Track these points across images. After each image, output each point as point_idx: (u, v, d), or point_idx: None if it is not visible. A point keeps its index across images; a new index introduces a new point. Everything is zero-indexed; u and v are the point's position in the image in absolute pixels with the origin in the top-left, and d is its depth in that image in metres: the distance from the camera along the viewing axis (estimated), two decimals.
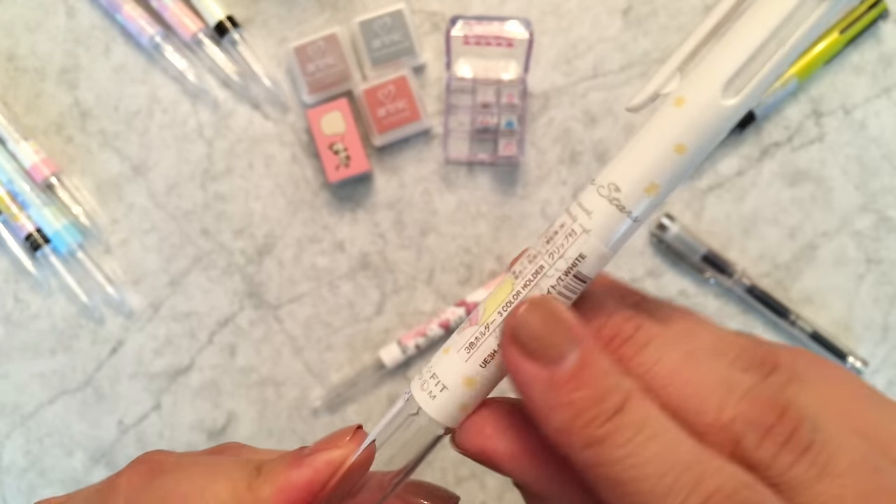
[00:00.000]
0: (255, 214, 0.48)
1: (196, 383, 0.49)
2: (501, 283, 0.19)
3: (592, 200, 0.18)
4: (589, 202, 0.18)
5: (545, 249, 0.19)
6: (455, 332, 0.20)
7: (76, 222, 0.48)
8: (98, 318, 0.48)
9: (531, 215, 0.48)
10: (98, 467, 0.49)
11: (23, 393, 0.49)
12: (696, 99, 0.17)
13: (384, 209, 0.48)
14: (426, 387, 0.20)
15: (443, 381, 0.19)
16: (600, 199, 0.18)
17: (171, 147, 0.48)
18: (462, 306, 0.47)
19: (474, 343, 0.19)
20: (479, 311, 0.19)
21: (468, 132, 0.47)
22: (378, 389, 0.48)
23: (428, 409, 0.19)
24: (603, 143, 0.47)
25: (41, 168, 0.47)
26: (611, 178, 0.18)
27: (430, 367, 0.20)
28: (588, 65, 0.47)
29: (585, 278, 0.18)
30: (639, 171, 0.17)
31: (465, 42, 0.44)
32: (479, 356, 0.19)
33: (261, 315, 0.48)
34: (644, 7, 0.47)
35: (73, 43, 0.48)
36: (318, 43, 0.46)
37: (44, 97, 0.48)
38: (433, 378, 0.20)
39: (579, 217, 0.18)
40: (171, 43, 0.47)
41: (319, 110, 0.46)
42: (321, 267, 0.48)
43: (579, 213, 0.18)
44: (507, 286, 0.19)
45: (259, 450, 0.24)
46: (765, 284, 0.47)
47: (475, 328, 0.19)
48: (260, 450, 0.24)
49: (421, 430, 0.20)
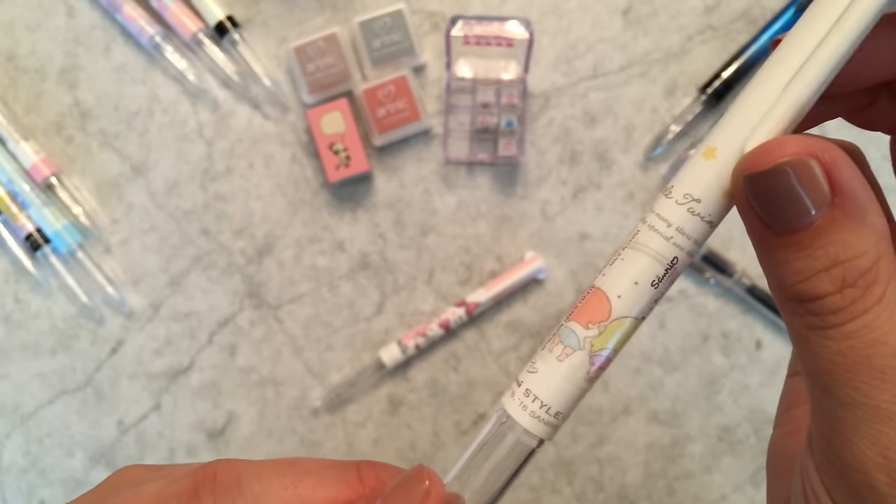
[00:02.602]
0: (255, 214, 0.48)
1: (196, 383, 0.49)
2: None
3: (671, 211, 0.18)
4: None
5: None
6: (544, 352, 0.19)
7: (76, 222, 0.48)
8: (98, 318, 0.48)
9: (531, 215, 0.48)
10: (98, 467, 0.49)
11: (23, 393, 0.49)
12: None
13: (384, 209, 0.48)
14: (518, 398, 0.19)
15: (536, 393, 0.19)
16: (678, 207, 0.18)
17: (171, 147, 0.48)
18: (462, 306, 0.47)
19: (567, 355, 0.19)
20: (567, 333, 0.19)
21: (468, 132, 0.47)
22: (378, 389, 0.48)
23: (522, 420, 0.19)
24: (603, 143, 0.47)
25: (41, 168, 0.47)
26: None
27: (520, 381, 0.19)
28: (588, 65, 0.47)
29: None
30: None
31: (465, 42, 0.44)
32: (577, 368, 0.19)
33: (261, 315, 0.48)
34: (644, 7, 0.47)
35: (73, 43, 0.48)
36: (318, 43, 0.46)
37: (44, 97, 0.48)
38: (527, 393, 0.19)
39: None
40: (171, 43, 0.47)
41: (319, 110, 0.46)
42: (321, 267, 0.48)
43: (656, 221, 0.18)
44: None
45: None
46: (765, 284, 0.47)
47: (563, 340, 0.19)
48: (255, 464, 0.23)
49: (514, 445, 0.19)
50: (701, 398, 0.48)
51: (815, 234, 0.16)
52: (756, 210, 0.16)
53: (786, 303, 0.17)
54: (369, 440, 0.48)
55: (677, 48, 0.47)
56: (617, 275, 0.18)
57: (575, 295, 0.48)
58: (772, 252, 0.17)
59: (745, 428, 0.48)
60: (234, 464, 0.19)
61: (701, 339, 0.48)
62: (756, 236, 0.17)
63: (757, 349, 0.48)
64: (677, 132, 0.46)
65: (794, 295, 0.16)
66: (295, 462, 0.20)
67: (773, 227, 0.16)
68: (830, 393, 0.16)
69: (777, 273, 0.17)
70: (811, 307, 0.16)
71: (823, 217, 0.16)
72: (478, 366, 0.48)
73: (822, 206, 0.16)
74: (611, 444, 0.48)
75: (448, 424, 0.48)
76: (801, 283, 0.16)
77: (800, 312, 0.16)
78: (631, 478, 0.48)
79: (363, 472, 0.20)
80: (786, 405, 0.23)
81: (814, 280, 0.16)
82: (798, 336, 0.17)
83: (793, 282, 0.16)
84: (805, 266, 0.16)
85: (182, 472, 0.20)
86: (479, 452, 0.20)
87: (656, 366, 0.48)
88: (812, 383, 0.17)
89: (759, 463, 0.48)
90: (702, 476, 0.48)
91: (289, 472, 0.19)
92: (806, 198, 0.16)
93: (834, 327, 0.16)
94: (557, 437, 0.48)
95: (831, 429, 0.16)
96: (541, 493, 0.48)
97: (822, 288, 0.16)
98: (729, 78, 0.46)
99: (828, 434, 0.16)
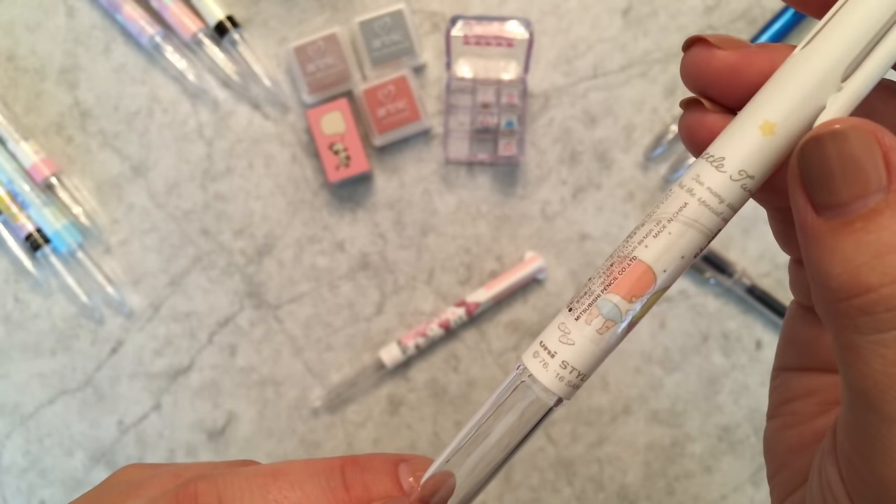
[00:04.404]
0: (255, 214, 0.48)
1: (196, 383, 0.49)
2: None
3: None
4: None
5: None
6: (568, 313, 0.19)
7: (76, 222, 0.48)
8: (98, 318, 0.48)
9: (531, 215, 0.48)
10: (98, 467, 0.49)
11: (23, 393, 0.49)
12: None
13: (384, 209, 0.48)
14: (539, 356, 0.19)
15: (574, 365, 0.19)
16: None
17: (171, 147, 0.48)
18: (462, 306, 0.47)
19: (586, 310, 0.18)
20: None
21: (468, 132, 0.47)
22: (378, 389, 0.48)
23: (542, 378, 0.19)
24: (603, 143, 0.47)
25: (41, 168, 0.47)
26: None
27: (540, 338, 0.19)
28: (588, 65, 0.47)
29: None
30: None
31: (465, 42, 0.44)
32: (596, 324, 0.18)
33: (261, 315, 0.48)
34: (644, 7, 0.47)
35: (73, 43, 0.48)
36: (318, 43, 0.46)
37: (44, 97, 0.48)
38: (544, 348, 0.19)
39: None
40: (171, 43, 0.47)
41: (319, 110, 0.46)
42: (321, 267, 0.48)
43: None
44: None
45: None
46: (765, 284, 0.47)
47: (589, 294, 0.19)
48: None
49: (531, 403, 0.19)
50: (701, 398, 0.48)
51: (867, 218, 0.15)
52: (806, 190, 0.16)
53: (833, 304, 0.15)
54: (369, 440, 0.48)
55: (677, 48, 0.47)
56: (663, 249, 0.18)
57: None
58: (819, 240, 0.15)
59: (745, 428, 0.48)
60: (217, 480, 0.19)
61: (701, 339, 0.48)
62: (803, 223, 0.16)
63: (757, 349, 0.48)
64: (677, 132, 0.46)
65: (841, 288, 0.15)
66: (279, 472, 0.19)
67: (822, 209, 0.15)
68: (877, 409, 0.15)
69: (823, 264, 0.15)
70: (862, 304, 0.15)
71: (878, 202, 0.15)
72: (478, 366, 0.48)
73: (878, 189, 0.15)
74: (611, 444, 0.48)
75: (448, 424, 0.48)
76: (848, 272, 0.15)
77: (851, 315, 0.15)
78: (631, 478, 0.48)
79: (348, 479, 0.20)
80: (779, 399, 0.22)
81: (863, 269, 0.15)
82: (846, 345, 0.15)
83: (840, 271, 0.15)
84: (855, 253, 0.15)
85: (166, 485, 0.19)
86: (494, 412, 0.19)
87: (656, 366, 0.48)
88: (853, 396, 0.15)
89: (759, 463, 0.48)
90: (702, 476, 0.48)
91: (272, 488, 0.19)
92: (862, 175, 0.15)
93: (889, 331, 0.14)
94: (557, 437, 0.48)
95: (871, 447, 0.15)
96: (541, 493, 0.48)
97: (874, 278, 0.14)
98: None
99: (865, 452, 0.15)
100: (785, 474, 0.21)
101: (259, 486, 0.19)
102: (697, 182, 0.17)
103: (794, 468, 0.21)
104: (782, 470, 0.21)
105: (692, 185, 0.18)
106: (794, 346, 0.22)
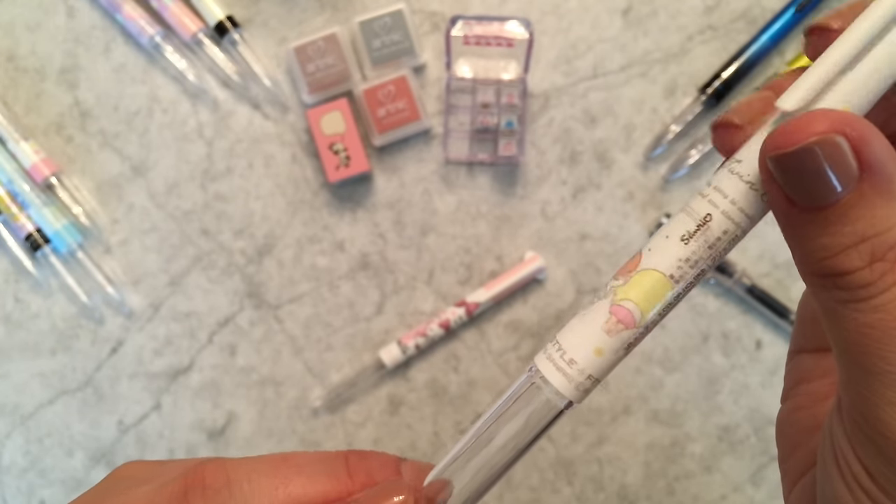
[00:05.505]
0: (255, 214, 0.48)
1: (196, 383, 0.49)
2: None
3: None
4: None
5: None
6: (584, 312, 0.19)
7: (76, 222, 0.48)
8: (98, 318, 0.48)
9: (531, 215, 0.48)
10: (98, 467, 0.49)
11: (23, 393, 0.49)
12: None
13: (384, 209, 0.48)
14: (552, 359, 0.19)
15: (570, 354, 0.19)
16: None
17: (171, 147, 0.48)
18: (462, 306, 0.47)
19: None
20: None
21: (468, 132, 0.47)
22: (378, 389, 0.48)
23: (554, 381, 0.19)
24: (603, 143, 0.47)
25: (41, 168, 0.47)
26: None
27: (555, 340, 0.19)
28: (588, 65, 0.47)
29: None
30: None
31: (465, 42, 0.44)
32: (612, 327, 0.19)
33: (261, 315, 0.48)
34: (644, 7, 0.47)
35: (73, 43, 0.48)
36: (318, 43, 0.46)
37: (44, 97, 0.48)
38: (559, 350, 0.19)
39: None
40: (171, 43, 0.47)
41: (319, 110, 0.46)
42: (321, 267, 0.48)
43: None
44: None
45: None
46: (765, 284, 0.47)
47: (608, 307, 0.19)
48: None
49: (542, 405, 0.19)
50: (701, 398, 0.48)
51: (842, 210, 0.16)
52: (781, 188, 0.16)
53: (813, 277, 0.17)
54: (369, 440, 0.48)
55: (677, 48, 0.47)
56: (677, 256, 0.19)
57: (575, 295, 0.48)
58: (797, 228, 0.17)
59: (745, 428, 0.48)
60: (224, 464, 0.19)
61: (701, 339, 0.48)
62: (781, 213, 0.17)
63: (757, 349, 0.48)
64: (677, 132, 0.46)
65: (821, 270, 0.16)
66: (285, 459, 0.20)
67: (799, 205, 0.16)
68: (860, 363, 0.16)
69: (803, 249, 0.17)
70: (839, 282, 0.16)
71: (851, 193, 0.15)
72: (478, 366, 0.48)
73: (850, 182, 0.15)
74: (611, 444, 0.48)
75: (448, 424, 0.48)
76: (829, 258, 0.16)
77: (828, 287, 0.16)
78: (631, 478, 0.48)
79: (352, 467, 0.20)
80: (793, 381, 0.23)
81: (842, 256, 0.16)
82: (826, 309, 0.17)
83: (820, 257, 0.16)
84: (833, 242, 0.16)
85: (174, 473, 0.20)
86: (504, 412, 0.20)
87: (656, 366, 0.48)
88: (841, 354, 0.17)
89: (759, 463, 0.48)
90: (702, 476, 0.48)
91: (279, 472, 0.19)
92: (833, 176, 0.15)
93: (863, 300, 0.16)
94: (557, 437, 0.48)
95: (861, 397, 0.16)
96: (541, 492, 0.48)
97: (851, 263, 0.16)
98: (729, 78, 0.46)
99: (858, 403, 0.16)
100: (798, 455, 0.21)
101: (266, 469, 0.19)
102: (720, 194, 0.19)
103: (807, 448, 0.21)
104: (795, 451, 0.22)
105: (711, 195, 0.19)
106: (807, 327, 0.23)
